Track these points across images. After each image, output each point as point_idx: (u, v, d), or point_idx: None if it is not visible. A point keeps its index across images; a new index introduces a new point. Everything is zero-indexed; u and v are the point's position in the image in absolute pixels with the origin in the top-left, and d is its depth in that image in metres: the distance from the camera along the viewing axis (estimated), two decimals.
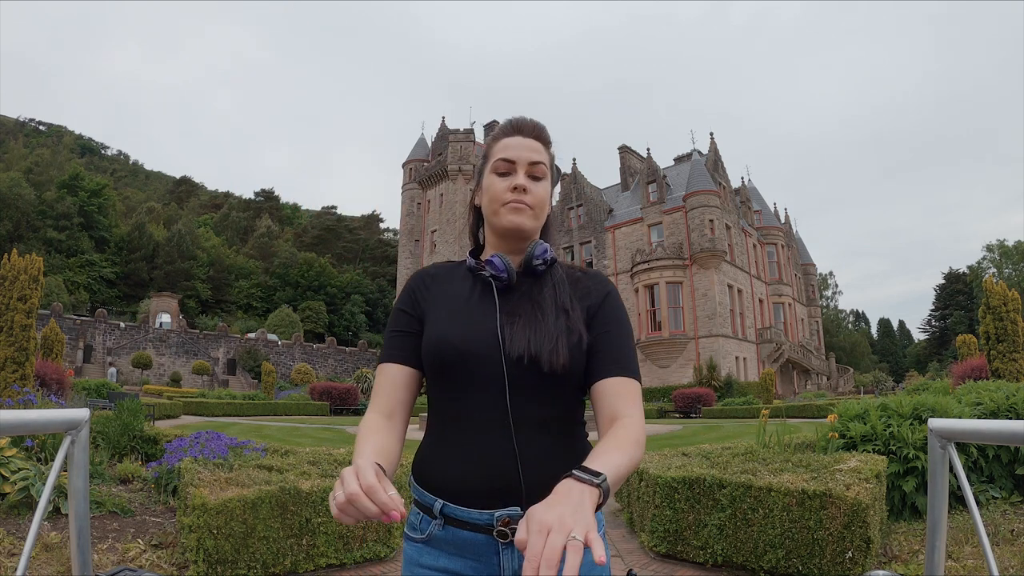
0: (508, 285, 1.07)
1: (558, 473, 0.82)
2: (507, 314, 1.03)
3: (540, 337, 0.99)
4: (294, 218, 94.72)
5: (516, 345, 0.98)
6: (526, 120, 1.13)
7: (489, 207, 1.10)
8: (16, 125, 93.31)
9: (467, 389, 1.00)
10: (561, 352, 0.97)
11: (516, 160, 1.08)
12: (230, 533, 3.15)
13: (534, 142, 1.11)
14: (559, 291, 1.07)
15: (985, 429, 0.94)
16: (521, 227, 1.07)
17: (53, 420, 0.94)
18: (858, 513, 3.07)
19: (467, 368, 0.99)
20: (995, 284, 9.82)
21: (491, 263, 1.06)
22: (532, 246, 1.09)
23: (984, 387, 5.57)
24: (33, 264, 7.95)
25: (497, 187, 1.09)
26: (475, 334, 1.01)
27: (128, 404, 6.92)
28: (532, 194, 1.08)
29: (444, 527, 0.97)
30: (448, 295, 1.09)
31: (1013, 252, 63.04)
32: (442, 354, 1.01)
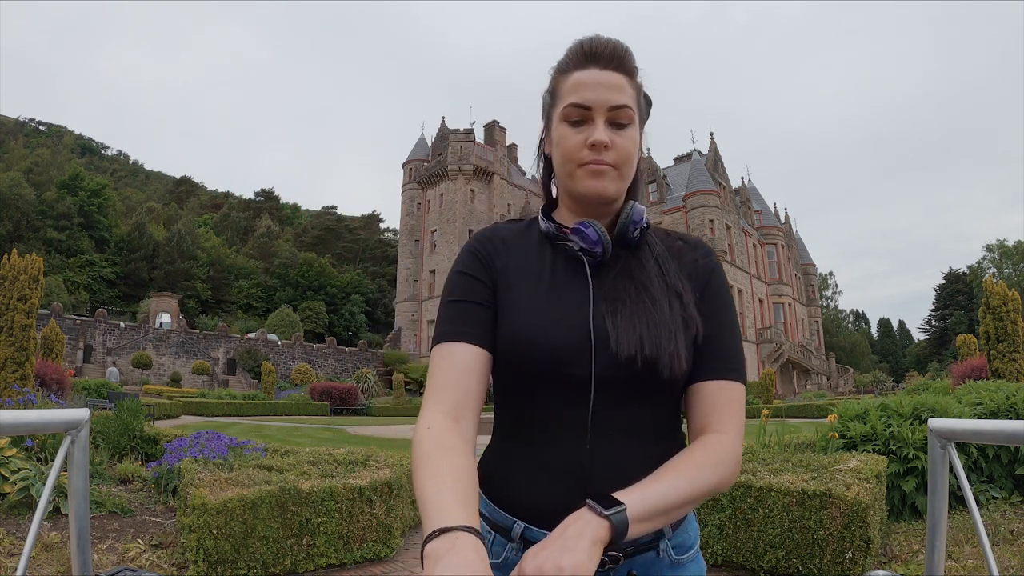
0: (601, 262, 0.85)
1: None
2: (607, 299, 0.82)
3: (656, 333, 0.79)
4: (294, 218, 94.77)
5: (625, 343, 0.78)
6: (602, 41, 0.85)
7: (562, 167, 0.86)
8: (16, 125, 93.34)
9: (550, 390, 0.81)
10: (682, 354, 0.79)
11: (593, 105, 0.83)
12: (230, 533, 3.15)
13: (614, 75, 0.84)
14: (665, 268, 0.86)
15: (985, 429, 0.94)
16: (603, 194, 0.84)
17: (53, 420, 0.94)
18: (858, 513, 3.07)
19: (554, 369, 0.80)
20: (995, 284, 9.82)
21: (581, 232, 0.84)
22: (629, 210, 0.87)
23: (984, 387, 5.57)
24: (33, 264, 7.95)
25: (571, 142, 0.84)
26: (566, 329, 0.81)
27: (128, 404, 6.92)
28: (616, 149, 0.83)
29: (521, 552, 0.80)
30: (524, 270, 0.87)
31: (1013, 252, 63.05)
32: (524, 353, 0.81)
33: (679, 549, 0.83)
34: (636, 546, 0.78)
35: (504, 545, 0.83)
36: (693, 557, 0.85)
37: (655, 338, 0.78)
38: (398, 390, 32.52)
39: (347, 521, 3.56)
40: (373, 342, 58.68)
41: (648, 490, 0.70)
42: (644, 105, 0.90)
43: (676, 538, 0.83)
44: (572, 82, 0.85)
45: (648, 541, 0.79)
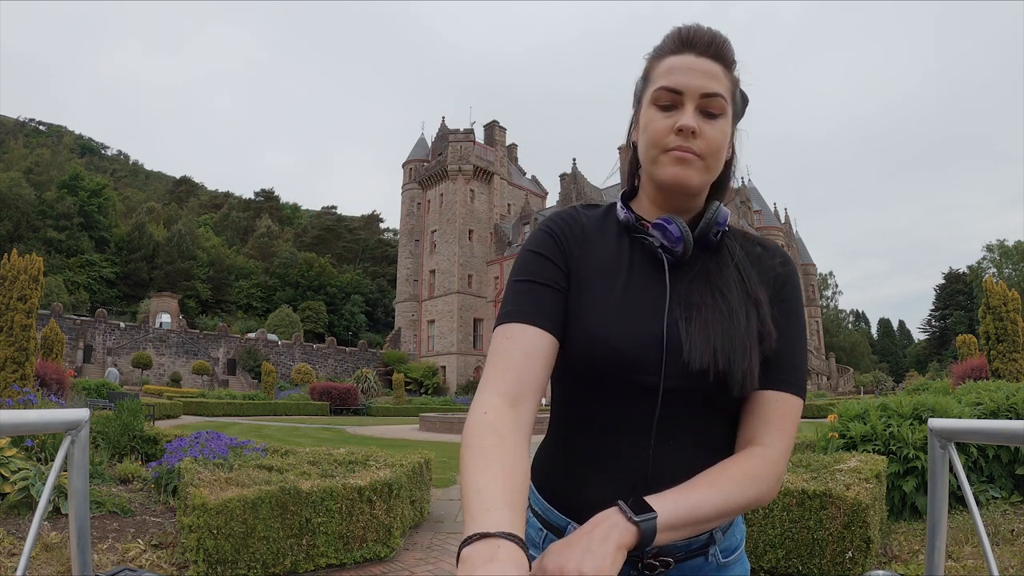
0: (680, 260, 0.82)
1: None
2: (681, 303, 0.79)
3: (731, 346, 0.75)
4: (294, 218, 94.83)
5: (698, 355, 0.75)
6: (702, 30, 0.82)
7: (647, 152, 0.82)
8: (16, 125, 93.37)
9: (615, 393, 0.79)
10: (755, 372, 0.76)
11: (684, 90, 0.79)
12: (230, 533, 3.14)
13: (710, 63, 0.81)
14: (745, 274, 0.82)
15: (985, 429, 0.94)
16: (686, 183, 0.79)
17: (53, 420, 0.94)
18: (858, 513, 3.07)
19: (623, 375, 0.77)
20: (995, 284, 9.82)
21: (663, 228, 0.81)
22: (714, 210, 0.83)
23: (984, 387, 5.57)
24: (33, 264, 7.95)
25: (658, 126, 0.80)
26: (640, 335, 0.77)
27: (128, 404, 6.92)
28: (704, 138, 0.79)
29: None
30: (601, 263, 0.83)
31: (1013, 252, 63.07)
32: (594, 355, 0.78)
33: (726, 552, 0.82)
34: (688, 551, 0.78)
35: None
36: (739, 558, 0.84)
37: (729, 352, 0.75)
38: (398, 390, 32.53)
39: (347, 521, 3.56)
40: (373, 342, 58.72)
41: (681, 499, 0.68)
42: (740, 101, 0.86)
43: (725, 542, 0.82)
44: (665, 66, 0.81)
45: (699, 547, 0.79)
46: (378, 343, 58.16)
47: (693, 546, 0.78)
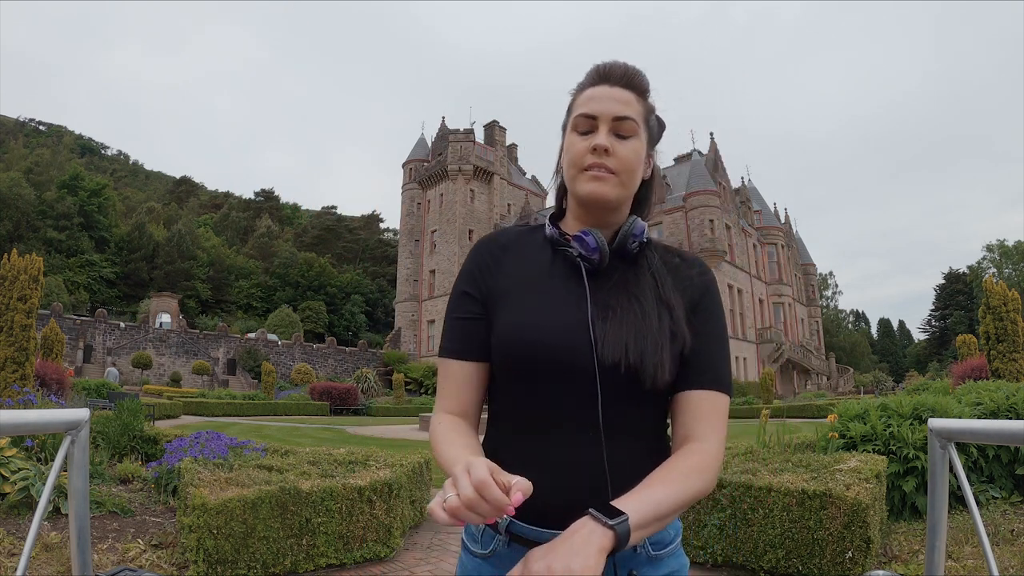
0: (598, 269, 0.90)
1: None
2: (599, 305, 0.87)
3: (642, 342, 0.83)
4: (294, 218, 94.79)
5: (611, 349, 0.83)
6: (616, 64, 0.93)
7: (568, 171, 0.93)
8: (16, 125, 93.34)
9: (547, 389, 0.85)
10: (666, 366, 0.83)
11: (598, 115, 0.90)
12: (230, 533, 3.14)
13: (623, 91, 0.91)
14: (660, 281, 0.90)
15: (985, 429, 0.94)
16: (602, 197, 0.89)
17: (53, 420, 0.94)
18: (858, 513, 3.07)
19: (549, 366, 0.84)
20: (995, 284, 9.81)
21: (581, 240, 0.90)
22: (630, 223, 0.92)
23: (984, 387, 5.57)
24: (33, 264, 7.95)
25: (577, 148, 0.91)
26: (561, 327, 0.85)
27: (128, 404, 6.92)
28: (616, 156, 0.89)
29: (510, 544, 0.86)
30: (524, 272, 0.92)
31: (1013, 252, 63.05)
32: (519, 349, 0.85)
33: (657, 545, 0.87)
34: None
35: (493, 537, 0.88)
36: (673, 552, 0.90)
37: (640, 348, 0.83)
38: (398, 390, 32.51)
39: (347, 521, 3.56)
40: (373, 342, 58.70)
41: (644, 499, 0.73)
42: (656, 126, 0.97)
43: (653, 536, 0.85)
44: (584, 97, 0.92)
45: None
46: (378, 343, 58.15)
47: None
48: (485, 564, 0.89)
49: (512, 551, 0.86)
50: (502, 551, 0.87)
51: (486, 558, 0.89)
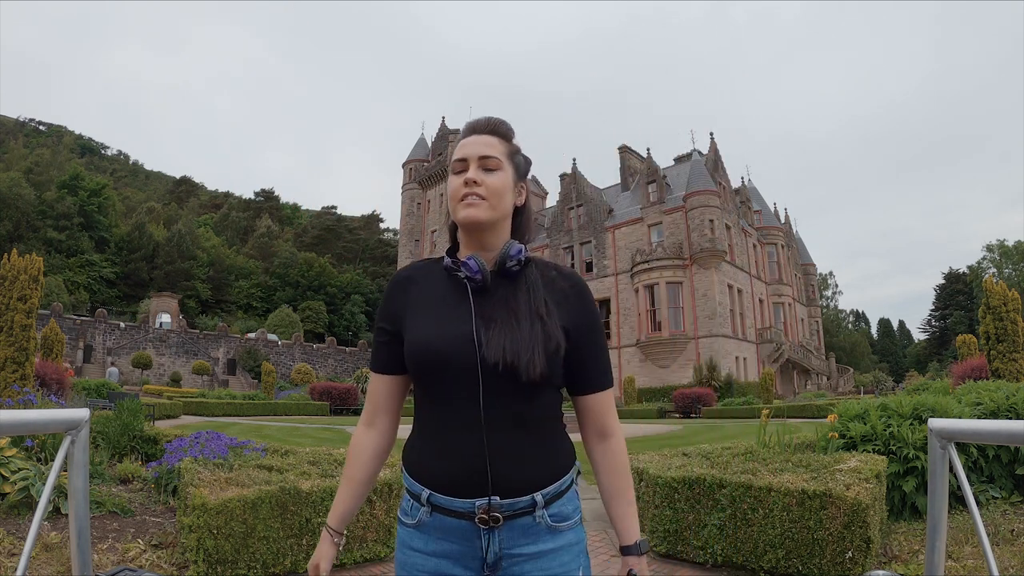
0: (483, 287, 1.09)
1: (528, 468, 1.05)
2: (482, 318, 1.06)
3: (516, 345, 1.02)
4: (294, 218, 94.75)
5: (492, 352, 1.02)
6: (481, 119, 1.17)
7: (450, 205, 1.14)
8: (16, 125, 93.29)
9: (446, 390, 1.06)
10: (538, 362, 1.02)
11: (468, 157, 1.12)
12: (230, 533, 3.14)
13: (488, 137, 1.14)
14: (534, 295, 1.09)
15: (985, 429, 0.94)
16: (475, 219, 1.10)
17: (53, 420, 0.94)
18: (858, 513, 3.07)
19: (445, 371, 1.05)
20: (995, 284, 9.81)
21: (466, 264, 1.08)
22: (507, 246, 1.11)
23: (984, 387, 5.56)
24: (33, 264, 7.94)
25: (454, 184, 1.13)
26: (451, 338, 1.05)
27: (128, 404, 6.92)
28: (485, 185, 1.10)
29: (432, 514, 1.06)
30: (425, 297, 1.12)
31: (1013, 252, 63.04)
32: (421, 357, 1.07)
33: (556, 517, 1.08)
34: (513, 511, 1.04)
35: (419, 509, 1.08)
36: (572, 526, 1.10)
37: (515, 349, 1.02)
38: None
39: None
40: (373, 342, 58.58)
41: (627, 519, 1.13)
42: (522, 162, 1.18)
43: (552, 509, 1.07)
44: (458, 146, 1.16)
45: (523, 508, 1.05)
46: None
47: (517, 506, 1.04)
48: (416, 532, 1.09)
49: (434, 519, 1.06)
50: (426, 520, 1.07)
51: (415, 527, 1.09)
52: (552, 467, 1.09)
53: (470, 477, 1.03)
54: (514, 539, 1.04)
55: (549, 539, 1.06)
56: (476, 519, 1.02)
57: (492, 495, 1.02)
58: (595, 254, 42.20)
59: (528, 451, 1.06)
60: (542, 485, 1.06)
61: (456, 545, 1.05)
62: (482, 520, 1.02)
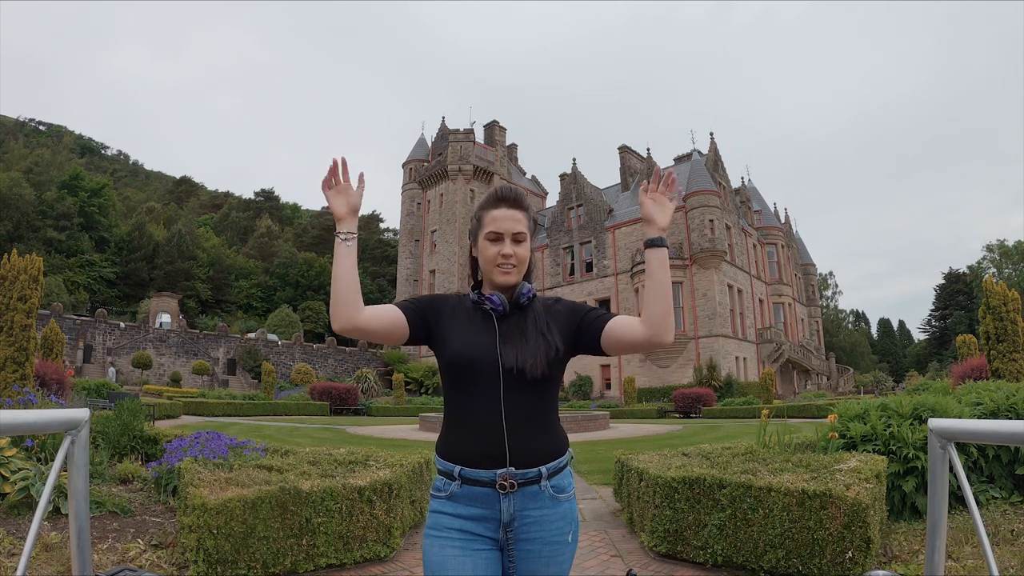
0: (503, 315, 1.44)
1: (536, 446, 1.38)
2: (502, 337, 1.41)
3: (525, 354, 1.38)
4: (294, 218, 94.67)
5: (508, 359, 1.38)
6: (508, 191, 1.50)
7: (485, 267, 1.49)
8: (16, 125, 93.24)
9: (475, 388, 1.38)
10: (540, 365, 1.37)
11: (503, 232, 1.46)
12: (230, 533, 3.14)
13: (516, 212, 1.48)
14: (538, 320, 1.45)
15: (985, 429, 0.94)
16: (508, 285, 1.47)
17: (53, 420, 0.94)
18: (858, 513, 3.07)
19: (476, 373, 1.38)
20: (995, 284, 9.80)
21: (491, 300, 1.44)
22: (520, 287, 1.48)
23: (984, 387, 5.56)
24: (33, 264, 7.94)
25: (490, 252, 1.47)
26: (482, 350, 1.39)
27: (128, 404, 6.91)
28: (516, 256, 1.47)
29: (462, 486, 1.37)
30: (461, 320, 1.46)
31: (1013, 252, 63.02)
32: (460, 363, 1.39)
33: (555, 488, 1.40)
34: (524, 479, 1.36)
35: (450, 484, 1.38)
36: (567, 499, 1.43)
37: (524, 357, 1.37)
38: (398, 390, 32.49)
39: (347, 521, 3.56)
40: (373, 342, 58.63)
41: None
42: (533, 226, 1.53)
43: (553, 481, 1.40)
44: (490, 217, 1.48)
45: (532, 478, 1.37)
46: (378, 343, 58.05)
47: (527, 476, 1.36)
48: (447, 502, 1.38)
49: (463, 490, 1.37)
50: (457, 491, 1.37)
51: (448, 498, 1.38)
52: (552, 447, 1.41)
53: (493, 452, 1.34)
54: (524, 503, 1.36)
55: (550, 505, 1.39)
56: (497, 485, 1.34)
57: (510, 466, 1.34)
58: (595, 254, 42.21)
59: (535, 434, 1.39)
60: (545, 460, 1.39)
61: (480, 509, 1.36)
62: (501, 486, 1.34)
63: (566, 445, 1.46)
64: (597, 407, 29.53)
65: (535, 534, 1.37)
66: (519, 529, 1.37)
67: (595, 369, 39.61)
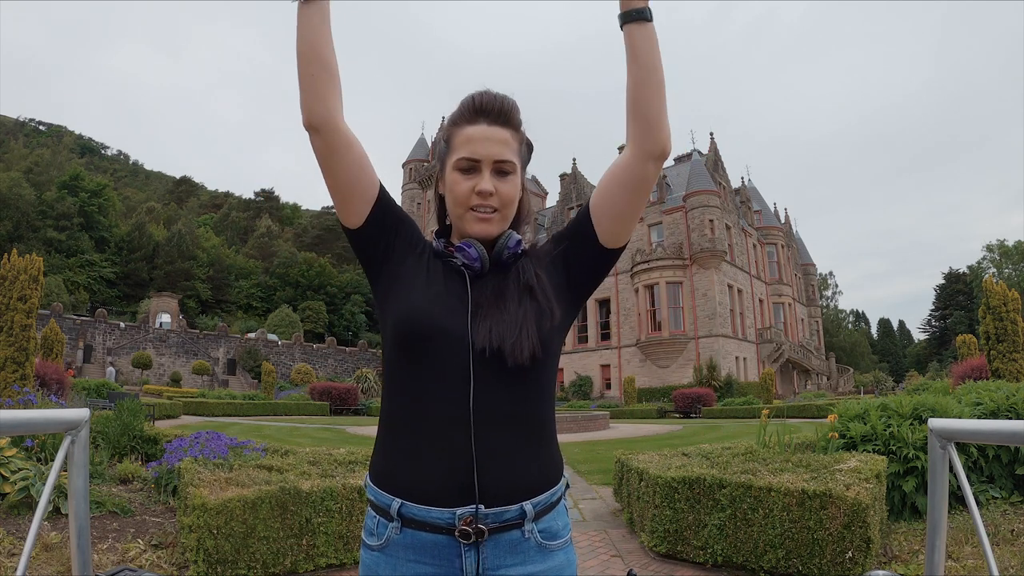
0: (479, 274, 0.99)
1: (520, 472, 0.91)
2: (475, 304, 0.96)
3: (502, 327, 0.92)
4: (294, 218, 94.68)
5: (480, 337, 0.91)
6: (491, 97, 1.00)
7: (454, 210, 1.02)
8: (16, 125, 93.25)
9: (430, 378, 0.92)
10: (525, 343, 0.91)
11: (481, 159, 0.97)
12: (230, 533, 3.14)
13: (501, 130, 0.99)
14: (523, 271, 1.00)
15: (985, 429, 0.94)
16: (488, 235, 1.00)
17: (53, 420, 0.94)
18: (858, 513, 3.07)
19: (433, 353, 0.92)
20: (995, 284, 9.81)
21: (463, 250, 0.98)
22: (506, 237, 1.01)
23: (984, 387, 5.56)
24: (33, 264, 7.94)
25: (461, 188, 0.99)
26: (446, 319, 0.93)
27: (128, 404, 6.92)
28: (499, 194, 0.99)
29: (402, 530, 0.90)
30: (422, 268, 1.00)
31: (1013, 252, 63.03)
32: (413, 328, 0.93)
33: (545, 534, 0.93)
34: (500, 523, 0.89)
35: (386, 526, 0.92)
36: (563, 546, 0.95)
37: (501, 331, 0.91)
38: None
39: (347, 521, 3.56)
40: (373, 342, 58.68)
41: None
42: (525, 152, 1.05)
43: (542, 523, 0.93)
44: (464, 136, 0.99)
45: (512, 518, 0.90)
46: (378, 343, 58.10)
47: (504, 517, 0.89)
48: (382, 556, 0.92)
49: (405, 536, 0.90)
50: (395, 538, 0.91)
51: (382, 549, 0.92)
52: (546, 473, 0.95)
53: (452, 480, 0.88)
54: (500, 557, 0.89)
55: (539, 559, 0.92)
56: (457, 532, 0.87)
57: (478, 502, 0.87)
58: None
59: (520, 452, 0.92)
60: (534, 493, 0.92)
61: (430, 567, 0.89)
62: (463, 533, 0.87)
63: (562, 469, 1.00)
64: (597, 407, 29.52)
65: None
66: None
67: (595, 369, 39.61)
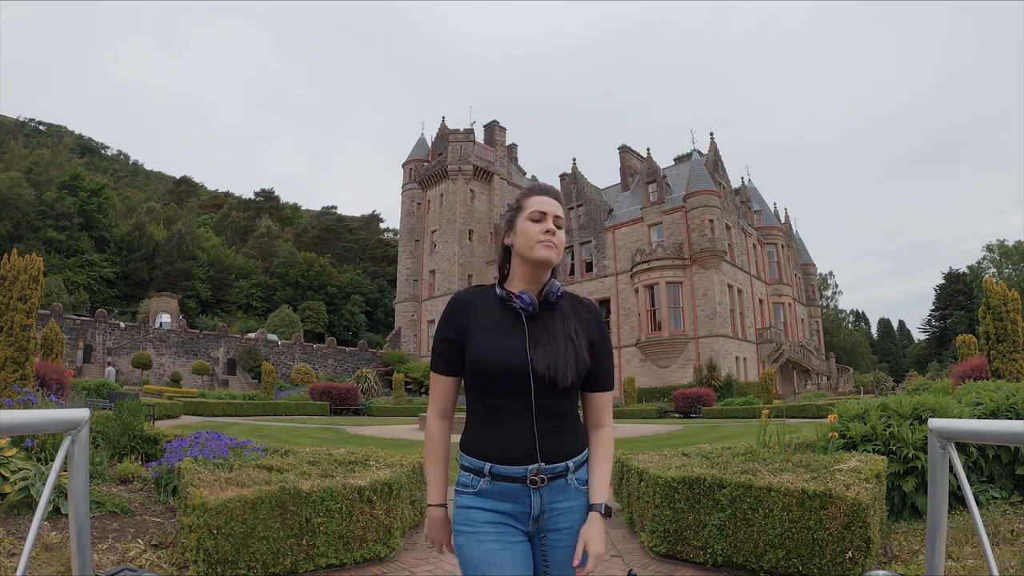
0: (532, 315, 1.45)
1: (563, 443, 1.44)
2: (532, 340, 1.43)
3: (556, 362, 1.40)
4: (294, 218, 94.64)
5: (539, 365, 1.39)
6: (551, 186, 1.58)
7: (525, 244, 1.48)
8: (16, 125, 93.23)
9: (504, 391, 1.41)
10: (570, 375, 1.41)
11: (547, 212, 1.50)
12: (230, 533, 3.14)
13: (557, 204, 1.53)
14: (567, 324, 1.47)
15: (985, 429, 0.94)
16: (550, 260, 1.47)
17: (53, 420, 0.94)
18: (858, 513, 3.07)
19: (504, 378, 1.40)
20: (995, 284, 9.80)
21: (521, 298, 1.45)
22: (549, 285, 1.49)
23: (984, 387, 5.56)
24: (33, 264, 7.94)
25: (533, 230, 1.48)
26: (510, 354, 1.41)
27: (128, 404, 6.92)
28: (557, 236, 1.50)
29: (492, 482, 1.41)
30: (486, 320, 1.46)
31: (1013, 252, 63.03)
32: (485, 369, 1.41)
33: (579, 481, 1.47)
34: (554, 474, 1.43)
35: (479, 480, 1.43)
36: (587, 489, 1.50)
37: (556, 365, 1.40)
38: (398, 390, 32.48)
39: (347, 521, 3.56)
40: (373, 342, 58.71)
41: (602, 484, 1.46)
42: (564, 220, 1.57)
43: (578, 474, 1.47)
44: (535, 200, 1.53)
45: (560, 472, 1.43)
46: (378, 343, 58.16)
47: (556, 470, 1.43)
48: (475, 497, 1.43)
49: (493, 486, 1.42)
50: (486, 487, 1.42)
51: (477, 494, 1.43)
52: (577, 443, 1.47)
53: (524, 450, 1.40)
54: (553, 496, 1.42)
55: (576, 497, 1.45)
56: (528, 480, 1.40)
57: (540, 461, 1.40)
58: (595, 254, 42.19)
59: (561, 432, 1.44)
60: (572, 455, 1.45)
61: (510, 504, 1.41)
62: (532, 481, 1.40)
63: (587, 441, 1.52)
64: None
65: (564, 524, 1.44)
66: (548, 521, 1.43)
67: None
